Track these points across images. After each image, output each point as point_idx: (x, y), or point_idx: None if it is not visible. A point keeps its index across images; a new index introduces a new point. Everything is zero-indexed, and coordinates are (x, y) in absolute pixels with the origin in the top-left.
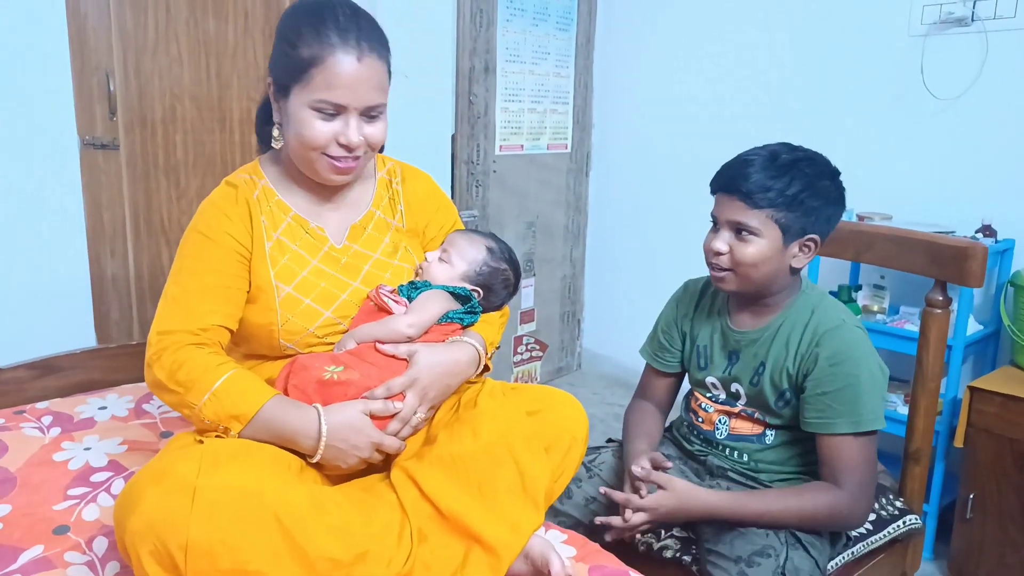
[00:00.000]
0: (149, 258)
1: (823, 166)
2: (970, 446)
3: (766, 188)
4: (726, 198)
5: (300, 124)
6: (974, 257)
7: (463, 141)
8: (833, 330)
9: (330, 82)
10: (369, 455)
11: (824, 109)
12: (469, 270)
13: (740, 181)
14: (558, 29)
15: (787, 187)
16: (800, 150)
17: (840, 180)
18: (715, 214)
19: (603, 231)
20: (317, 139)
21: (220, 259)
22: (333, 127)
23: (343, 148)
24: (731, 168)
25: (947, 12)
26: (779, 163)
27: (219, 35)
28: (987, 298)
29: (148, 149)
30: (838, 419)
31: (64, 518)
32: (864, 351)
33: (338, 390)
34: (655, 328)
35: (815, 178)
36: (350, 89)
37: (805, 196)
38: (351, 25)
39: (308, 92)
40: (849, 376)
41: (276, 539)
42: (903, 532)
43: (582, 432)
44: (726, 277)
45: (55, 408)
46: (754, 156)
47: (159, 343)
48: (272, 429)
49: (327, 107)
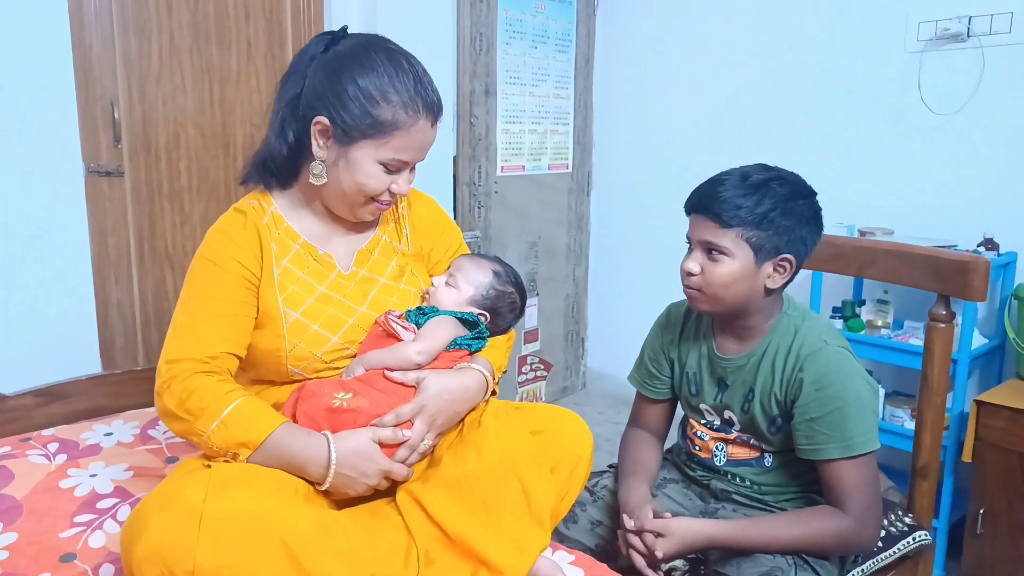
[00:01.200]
0: (154, 284)
1: (796, 186)
2: (978, 460)
3: (736, 207)
4: (698, 219)
5: (363, 174)
6: (976, 271)
7: (465, 163)
8: (815, 353)
9: (408, 145)
10: (377, 482)
11: (823, 126)
12: (476, 294)
13: (711, 201)
14: (557, 51)
15: (757, 205)
16: (774, 170)
17: (816, 200)
18: (689, 235)
19: (605, 250)
20: (378, 190)
21: (228, 286)
22: (390, 178)
23: (392, 196)
24: (703, 188)
25: (943, 28)
26: (750, 182)
27: (222, 63)
28: (991, 311)
29: (152, 175)
30: (828, 444)
31: (70, 545)
32: (849, 372)
33: (347, 417)
34: (642, 355)
35: (787, 198)
36: (421, 152)
37: (776, 215)
38: (430, 87)
39: (382, 149)
40: (836, 400)
41: (283, 563)
42: (913, 548)
43: (587, 451)
44: (698, 297)
45: (61, 435)
46: (726, 176)
47: (168, 372)
48: (281, 457)
49: (396, 164)
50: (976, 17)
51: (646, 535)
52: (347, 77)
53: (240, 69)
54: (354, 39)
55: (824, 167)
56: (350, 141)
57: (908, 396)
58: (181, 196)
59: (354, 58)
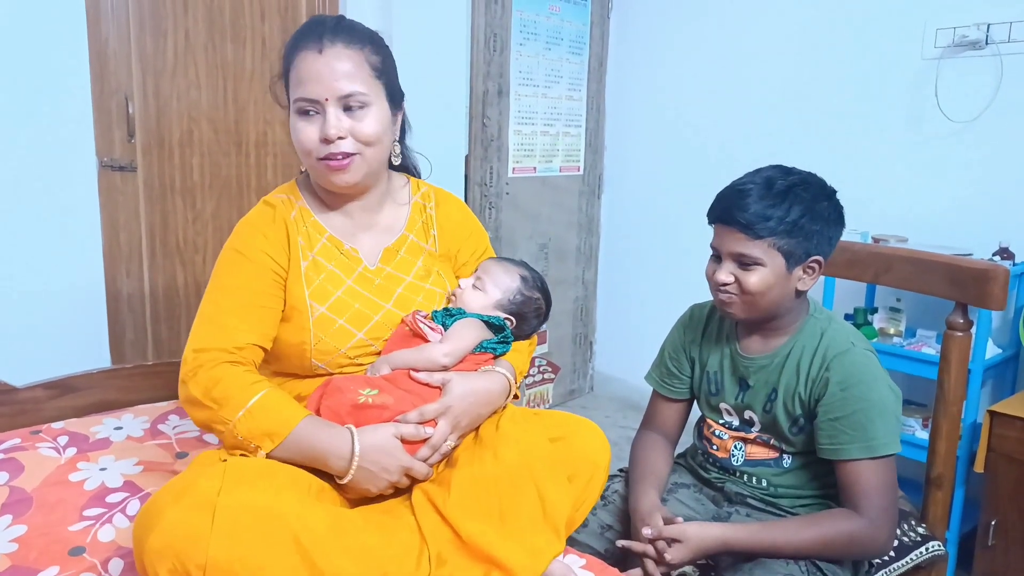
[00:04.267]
0: (165, 279)
1: (819, 188)
2: (991, 471)
3: (766, 218)
4: (725, 229)
5: (293, 131)
6: (996, 279)
7: (476, 163)
8: (843, 354)
9: (302, 78)
10: (398, 479)
11: (839, 132)
12: (503, 298)
13: (738, 212)
14: (571, 53)
15: (786, 214)
16: (794, 173)
17: (837, 199)
18: (715, 246)
19: (615, 253)
20: (305, 142)
21: (255, 278)
22: (317, 126)
23: (327, 144)
24: (727, 199)
25: (961, 35)
26: (776, 190)
27: (236, 60)
28: (1005, 322)
29: (165, 171)
30: (851, 444)
31: (80, 539)
32: (875, 374)
33: (372, 413)
34: (661, 354)
35: (813, 201)
36: (316, 81)
37: (805, 221)
38: (318, 27)
39: (292, 97)
40: (860, 400)
41: (295, 560)
42: (926, 559)
43: (604, 461)
44: (733, 305)
45: (71, 428)
46: (749, 185)
47: (195, 360)
48: (304, 449)
49: (304, 104)
50: (995, 24)
51: (658, 542)
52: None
53: (254, 67)
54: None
55: (839, 173)
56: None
57: (920, 405)
58: (193, 192)
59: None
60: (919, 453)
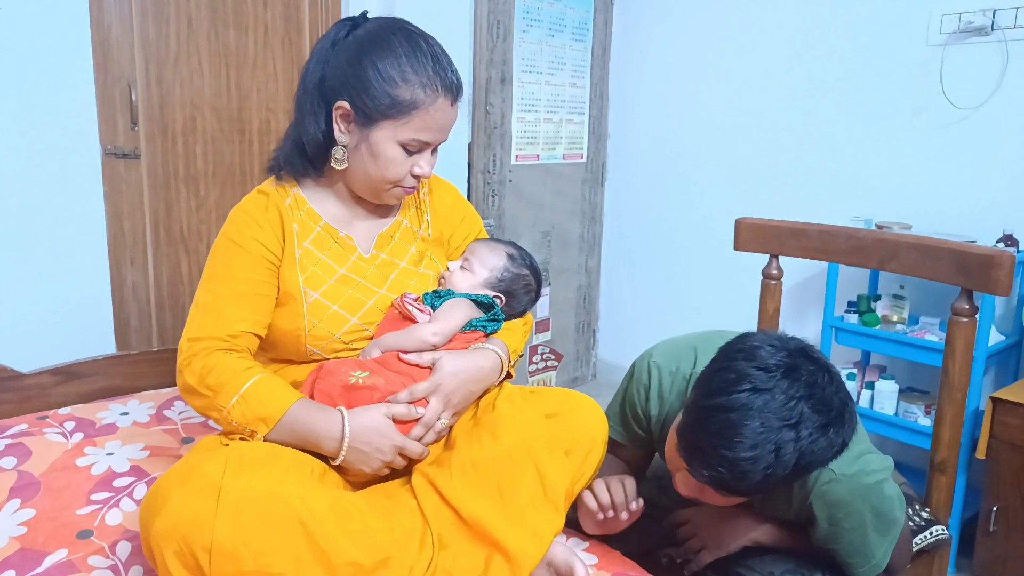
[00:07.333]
0: (169, 267)
1: (833, 427)
2: (993, 458)
3: (769, 489)
4: (713, 486)
5: (384, 157)
6: (1001, 266)
7: (479, 151)
8: (826, 485)
9: (428, 125)
10: (392, 459)
11: (843, 118)
12: (491, 277)
13: (735, 484)
14: (574, 40)
15: (793, 480)
16: (803, 423)
17: (850, 404)
18: (692, 477)
19: (618, 241)
20: (400, 173)
21: (250, 266)
22: (412, 160)
23: (415, 179)
24: (717, 461)
25: (967, 21)
26: (784, 461)
27: (240, 47)
28: (1008, 309)
29: (168, 159)
30: (854, 560)
31: (87, 523)
32: (864, 495)
33: (363, 394)
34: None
35: (826, 451)
36: (442, 132)
37: (811, 470)
38: (449, 67)
39: (402, 130)
40: (852, 531)
41: (300, 543)
42: (930, 543)
43: (602, 434)
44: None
45: (77, 414)
46: (750, 458)
47: (189, 349)
48: (297, 431)
49: (416, 145)
50: (1001, 10)
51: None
52: (367, 60)
53: (257, 54)
54: (374, 23)
55: (843, 160)
56: (371, 124)
57: (923, 392)
58: (197, 180)
59: (373, 41)
60: (922, 440)
